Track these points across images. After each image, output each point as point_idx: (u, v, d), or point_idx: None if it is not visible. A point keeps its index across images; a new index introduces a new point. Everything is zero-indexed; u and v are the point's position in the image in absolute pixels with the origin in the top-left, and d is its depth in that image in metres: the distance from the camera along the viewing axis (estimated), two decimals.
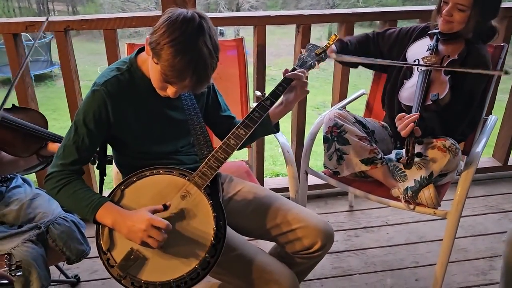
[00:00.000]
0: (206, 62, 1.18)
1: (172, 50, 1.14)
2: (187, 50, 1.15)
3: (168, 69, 1.16)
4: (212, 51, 1.19)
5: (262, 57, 2.18)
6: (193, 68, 1.16)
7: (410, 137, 1.55)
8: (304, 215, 1.45)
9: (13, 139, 1.48)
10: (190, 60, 1.15)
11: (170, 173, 1.33)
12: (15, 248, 1.39)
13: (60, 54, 2.00)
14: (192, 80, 1.19)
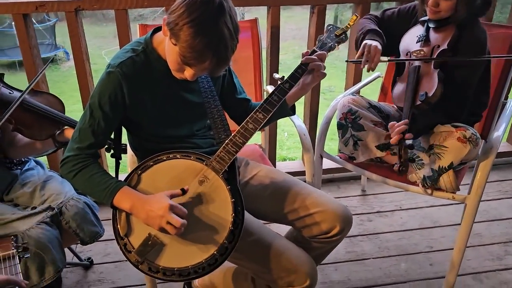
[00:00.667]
0: (227, 43, 1.14)
1: (192, 30, 1.09)
2: (207, 31, 1.10)
3: (187, 51, 1.12)
4: (233, 32, 1.15)
5: (275, 39, 2.13)
6: (213, 50, 1.12)
7: (401, 143, 1.51)
8: (322, 200, 1.43)
9: (31, 121, 1.47)
10: (211, 41, 1.11)
11: (187, 158, 1.30)
12: (29, 229, 1.39)
13: (71, 35, 1.96)
14: (212, 63, 1.15)
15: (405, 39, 1.76)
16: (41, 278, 1.39)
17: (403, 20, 1.80)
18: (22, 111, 1.44)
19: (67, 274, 1.94)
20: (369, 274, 1.96)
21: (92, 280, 1.92)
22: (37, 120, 1.48)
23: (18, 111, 1.43)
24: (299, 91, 1.43)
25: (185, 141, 1.42)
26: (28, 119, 1.47)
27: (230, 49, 1.16)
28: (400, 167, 1.51)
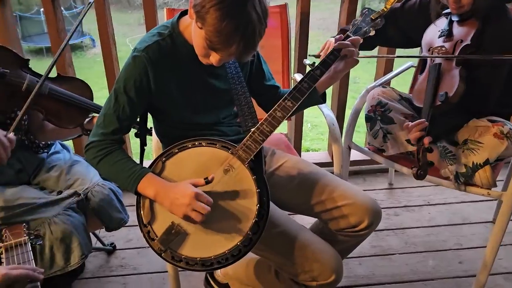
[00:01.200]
0: (255, 28, 1.09)
1: (219, 13, 1.05)
2: (235, 14, 1.06)
3: (213, 35, 1.08)
4: (261, 16, 1.10)
5: (305, 26, 2.07)
6: (241, 34, 1.07)
7: (419, 145, 1.43)
8: (351, 192, 1.38)
9: (59, 111, 1.46)
10: (238, 25, 1.06)
11: (213, 146, 1.27)
12: (56, 216, 1.39)
13: (98, 19, 1.94)
14: (239, 47, 1.10)
15: (428, 33, 1.66)
16: (66, 263, 1.39)
17: (426, 11, 1.68)
18: (50, 100, 1.43)
19: (90, 258, 1.96)
20: (395, 269, 1.91)
21: (115, 266, 1.92)
22: (65, 109, 1.47)
23: (46, 101, 1.42)
24: (330, 79, 1.37)
25: (211, 128, 1.39)
26: (57, 108, 1.45)
27: (258, 33, 1.11)
28: (418, 171, 1.43)
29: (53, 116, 1.44)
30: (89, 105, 1.50)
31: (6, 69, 1.37)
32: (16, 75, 1.39)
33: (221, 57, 1.15)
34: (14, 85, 1.37)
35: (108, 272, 1.89)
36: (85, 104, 1.49)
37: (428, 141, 1.42)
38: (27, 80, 1.39)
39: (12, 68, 1.39)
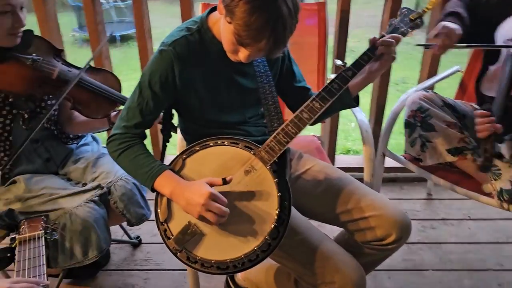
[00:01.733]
0: (285, 22, 1.03)
1: (248, 7, 1.00)
2: (265, 7, 1.00)
3: (242, 29, 1.03)
4: (292, 10, 1.04)
5: (344, 25, 1.98)
6: (270, 28, 1.02)
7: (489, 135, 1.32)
8: (379, 203, 1.30)
9: (87, 100, 1.46)
10: (268, 19, 1.01)
11: (235, 145, 1.22)
12: (77, 207, 1.39)
13: (135, 12, 1.95)
14: (269, 43, 1.04)
15: (504, 26, 1.54)
16: (84, 257, 1.39)
17: (505, 3, 1.55)
18: (79, 89, 1.44)
19: (116, 250, 1.97)
20: (426, 287, 1.79)
21: (139, 259, 1.93)
22: (93, 99, 1.47)
23: (75, 89, 1.43)
24: (364, 80, 1.29)
25: (237, 128, 1.34)
26: (85, 97, 1.46)
27: (288, 28, 1.05)
28: (484, 162, 1.32)
29: (80, 105, 1.45)
30: (116, 97, 1.50)
31: (39, 57, 1.39)
32: (48, 62, 1.41)
33: (250, 53, 1.10)
34: (45, 71, 1.39)
35: (132, 266, 1.89)
36: (112, 95, 1.49)
37: (500, 129, 1.32)
38: (58, 68, 1.41)
39: (46, 56, 1.42)
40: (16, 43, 1.35)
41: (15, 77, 1.35)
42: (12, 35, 1.32)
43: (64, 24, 1.96)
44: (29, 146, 1.49)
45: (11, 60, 1.35)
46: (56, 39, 2.02)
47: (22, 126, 1.42)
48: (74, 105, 1.44)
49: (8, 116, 1.41)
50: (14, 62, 1.35)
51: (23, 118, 1.42)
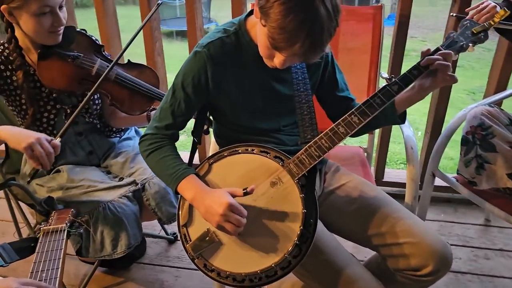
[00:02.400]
0: (323, 24, 0.96)
1: (283, 8, 0.94)
2: (300, 8, 0.94)
3: (277, 32, 0.96)
4: (331, 12, 0.96)
5: (403, 30, 1.84)
6: (306, 30, 0.95)
7: None
8: (417, 229, 1.18)
9: (124, 97, 1.48)
10: (304, 20, 0.94)
11: (265, 155, 1.17)
12: (111, 201, 1.41)
13: (187, 10, 1.96)
14: (304, 46, 0.97)
15: None
16: (113, 250, 1.41)
17: None
18: (116, 86, 1.46)
19: (152, 244, 2.00)
20: None
21: (172, 256, 1.94)
22: (130, 95, 1.49)
23: (112, 86, 1.45)
24: (413, 96, 1.17)
25: (270, 135, 1.29)
26: (122, 94, 1.48)
27: (326, 31, 0.97)
28: None
29: (117, 101, 1.47)
30: (153, 93, 1.50)
31: (80, 53, 1.42)
32: (88, 59, 1.44)
33: (285, 58, 1.04)
34: (85, 68, 1.43)
35: (165, 262, 1.91)
36: (149, 92, 1.50)
37: None
38: (97, 65, 1.44)
39: (86, 52, 1.45)
40: (57, 41, 1.39)
41: (57, 73, 1.39)
42: (52, 33, 1.36)
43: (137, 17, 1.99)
44: (73, 138, 1.54)
45: (53, 57, 1.39)
46: (114, 35, 2.08)
47: (65, 121, 1.46)
48: (112, 101, 1.46)
49: (52, 111, 1.47)
50: (56, 59, 1.39)
51: (66, 113, 1.46)
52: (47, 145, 1.23)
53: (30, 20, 1.30)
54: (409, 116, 1.27)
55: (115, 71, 1.45)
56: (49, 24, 1.32)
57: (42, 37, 1.36)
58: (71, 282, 1.80)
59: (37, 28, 1.32)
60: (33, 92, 1.41)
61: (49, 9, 1.30)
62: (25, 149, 1.20)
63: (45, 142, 1.23)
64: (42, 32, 1.33)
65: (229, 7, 1.92)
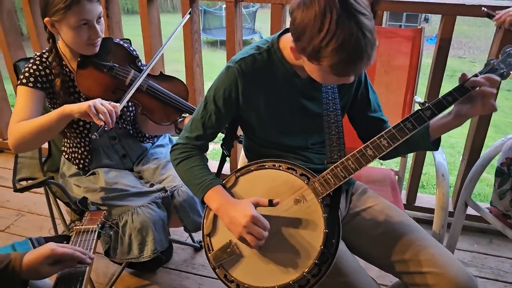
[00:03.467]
0: (370, 56, 1.01)
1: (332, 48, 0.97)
2: (347, 44, 0.97)
3: (337, 67, 1.01)
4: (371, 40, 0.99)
5: (443, 53, 1.81)
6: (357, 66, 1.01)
7: None
8: (442, 260, 1.15)
9: (153, 107, 1.54)
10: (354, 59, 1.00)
11: (291, 172, 1.18)
12: (140, 207, 1.46)
13: (227, 25, 2.01)
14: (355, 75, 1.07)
15: None
16: (139, 254, 1.46)
17: None
18: (147, 97, 1.52)
19: (179, 250, 2.04)
20: None
21: (197, 264, 1.97)
22: (160, 106, 1.55)
23: (144, 96, 1.51)
24: (450, 122, 1.13)
25: (297, 152, 1.30)
26: (152, 104, 1.54)
27: (371, 59, 1.02)
28: None
29: (147, 111, 1.53)
30: (182, 105, 1.56)
31: (115, 64, 1.50)
32: (123, 70, 1.51)
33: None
34: (119, 78, 1.50)
35: (190, 269, 1.94)
36: (178, 104, 1.56)
37: None
38: (130, 75, 1.51)
39: (121, 63, 1.53)
40: (94, 52, 1.46)
41: (93, 82, 1.47)
42: (89, 45, 1.43)
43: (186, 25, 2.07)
44: (107, 142, 1.61)
45: (90, 66, 1.47)
46: (157, 44, 2.16)
47: None
48: (143, 111, 1.52)
49: None
50: (93, 69, 1.47)
51: None
52: (108, 104, 1.34)
53: (69, 32, 1.38)
54: (451, 139, 1.24)
55: (147, 83, 1.51)
56: (86, 36, 1.40)
57: (80, 48, 1.44)
58: (100, 280, 1.87)
59: (75, 40, 1.40)
60: (70, 99, 1.49)
61: (86, 22, 1.37)
62: (89, 107, 1.30)
63: (104, 101, 1.34)
64: (80, 43, 1.41)
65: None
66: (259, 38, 9.26)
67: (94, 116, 1.31)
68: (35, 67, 1.45)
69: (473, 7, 1.73)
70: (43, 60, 1.47)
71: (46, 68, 1.46)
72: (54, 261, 0.99)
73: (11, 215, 2.27)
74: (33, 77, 1.43)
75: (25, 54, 2.56)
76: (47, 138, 1.46)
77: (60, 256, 0.99)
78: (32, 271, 0.97)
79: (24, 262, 0.96)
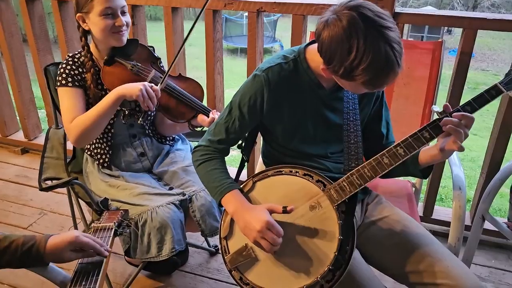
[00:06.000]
0: (398, 71, 1.05)
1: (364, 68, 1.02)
2: (378, 64, 1.02)
3: (371, 84, 1.07)
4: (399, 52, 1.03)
5: (463, 67, 1.81)
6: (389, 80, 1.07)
7: None
8: (456, 272, 1.15)
9: (169, 105, 1.61)
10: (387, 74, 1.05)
11: (308, 178, 1.20)
12: (159, 207, 1.50)
13: (249, 34, 2.05)
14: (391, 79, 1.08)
15: None
16: (158, 253, 1.49)
17: None
18: (164, 94, 1.59)
19: (194, 254, 2.07)
20: None
21: (212, 268, 1.99)
22: (176, 104, 1.62)
23: (162, 94, 1.57)
24: (435, 155, 1.13)
25: (316, 161, 1.32)
26: (169, 102, 1.61)
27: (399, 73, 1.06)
28: None
29: (164, 108, 1.61)
30: (196, 105, 1.63)
31: (138, 62, 1.58)
32: (145, 68, 1.60)
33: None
34: (141, 76, 1.58)
35: (205, 273, 1.97)
36: (193, 103, 1.62)
37: None
38: (151, 74, 1.59)
39: (144, 62, 1.61)
40: (121, 42, 1.55)
41: (117, 78, 1.55)
42: (115, 33, 1.52)
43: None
44: (127, 140, 1.68)
45: (116, 63, 1.57)
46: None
47: (122, 121, 1.61)
48: (159, 107, 1.59)
49: None
50: (118, 65, 1.57)
51: (124, 114, 1.60)
52: (151, 90, 1.48)
53: (96, 21, 1.48)
54: (471, 153, 1.25)
55: (166, 82, 1.58)
56: (112, 24, 1.49)
57: (107, 38, 1.52)
58: (117, 280, 1.91)
59: (102, 28, 1.49)
60: (99, 93, 1.58)
61: (111, 11, 1.48)
62: (138, 95, 1.45)
63: (149, 88, 1.48)
64: (107, 32, 1.50)
65: None
66: (279, 47, 9.33)
67: (142, 102, 1.47)
68: (69, 67, 1.55)
69: (494, 21, 1.73)
70: (75, 60, 1.57)
71: (79, 67, 1.56)
72: (76, 248, 1.05)
73: (34, 214, 2.34)
74: (70, 76, 1.53)
75: (53, 58, 2.65)
76: (105, 124, 1.56)
77: (82, 244, 1.05)
78: (55, 254, 1.04)
79: (48, 245, 1.03)
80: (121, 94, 1.48)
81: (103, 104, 1.49)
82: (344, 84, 1.14)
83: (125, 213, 1.30)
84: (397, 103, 1.80)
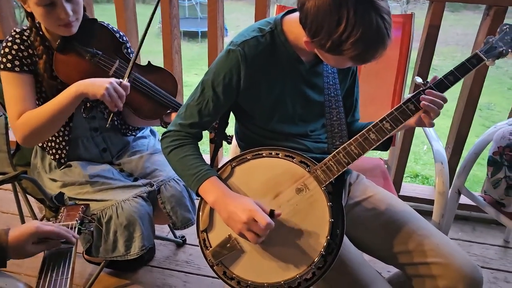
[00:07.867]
0: (385, 40, 0.97)
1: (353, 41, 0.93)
2: (369, 37, 0.93)
3: (358, 57, 0.98)
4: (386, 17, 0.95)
5: (431, 42, 1.79)
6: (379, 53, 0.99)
7: None
8: (447, 249, 1.12)
9: (138, 102, 1.42)
10: (376, 49, 0.97)
11: (290, 159, 1.12)
12: (125, 201, 1.36)
13: (209, 9, 1.91)
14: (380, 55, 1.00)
15: None
16: (126, 251, 1.36)
17: None
18: (132, 90, 1.37)
19: (160, 247, 1.94)
20: None
21: (180, 260, 1.88)
22: (144, 101, 1.42)
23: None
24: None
25: (296, 141, 1.23)
26: (136, 99, 1.41)
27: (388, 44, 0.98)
28: None
29: (131, 105, 1.41)
30: (168, 102, 1.44)
31: (99, 51, 1.35)
32: (107, 58, 1.37)
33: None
34: (102, 68, 1.36)
35: (173, 266, 1.85)
36: (164, 100, 1.44)
37: None
38: (115, 65, 1.37)
39: (106, 50, 1.38)
40: (71, 33, 1.30)
41: (73, 69, 1.32)
42: (62, 26, 1.27)
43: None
44: (88, 134, 1.49)
45: (71, 51, 1.32)
46: (132, 30, 2.04)
47: (83, 114, 1.41)
48: (125, 105, 1.36)
49: None
50: (74, 54, 1.32)
51: (85, 107, 1.40)
52: (120, 88, 1.28)
53: (36, 10, 1.24)
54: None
55: (133, 75, 1.38)
56: (55, 16, 1.24)
57: (53, 28, 1.29)
58: (76, 281, 1.74)
59: (44, 19, 1.25)
60: (55, 82, 1.35)
61: (50, 1, 1.22)
62: (103, 96, 1.25)
63: (117, 86, 1.28)
64: (51, 23, 1.27)
65: (238, 10, 1.88)
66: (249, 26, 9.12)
67: (109, 102, 1.27)
68: (16, 47, 1.30)
69: None
70: (24, 39, 1.32)
71: (28, 47, 1.31)
72: (39, 239, 0.94)
73: None
74: (17, 59, 1.29)
75: None
76: (61, 124, 1.34)
77: (46, 234, 0.94)
78: (17, 249, 0.93)
79: (9, 238, 0.92)
80: (82, 92, 1.26)
81: (60, 101, 1.27)
82: (328, 59, 1.05)
83: (86, 208, 1.15)
84: (367, 81, 1.74)
